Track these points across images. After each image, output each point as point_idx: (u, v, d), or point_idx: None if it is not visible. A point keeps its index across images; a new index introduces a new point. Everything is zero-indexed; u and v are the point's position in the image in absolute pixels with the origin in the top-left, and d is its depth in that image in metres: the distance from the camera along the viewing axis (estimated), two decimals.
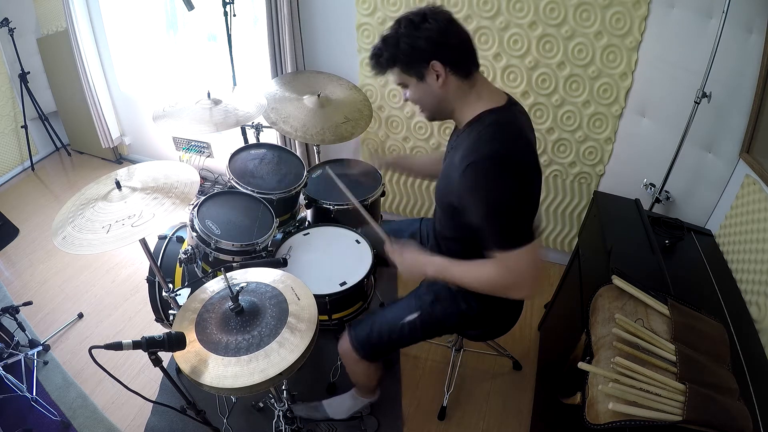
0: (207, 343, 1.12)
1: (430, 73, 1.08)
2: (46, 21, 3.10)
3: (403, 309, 1.42)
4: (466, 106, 1.14)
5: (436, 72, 1.07)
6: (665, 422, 0.97)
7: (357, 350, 1.43)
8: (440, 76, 1.08)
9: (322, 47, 2.39)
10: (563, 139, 2.19)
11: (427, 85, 1.10)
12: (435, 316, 1.38)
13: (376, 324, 1.42)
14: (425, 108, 1.18)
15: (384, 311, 1.46)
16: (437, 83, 1.09)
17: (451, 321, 1.40)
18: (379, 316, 1.45)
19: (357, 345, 1.43)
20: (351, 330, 1.46)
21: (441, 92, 1.11)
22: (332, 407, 1.74)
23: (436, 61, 1.06)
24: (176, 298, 1.55)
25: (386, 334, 1.40)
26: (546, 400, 1.70)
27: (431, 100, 1.14)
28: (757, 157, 1.60)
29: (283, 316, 1.18)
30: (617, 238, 1.53)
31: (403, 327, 1.39)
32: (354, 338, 1.44)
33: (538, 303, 2.29)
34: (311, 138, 2.02)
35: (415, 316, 1.38)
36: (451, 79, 1.09)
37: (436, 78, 1.08)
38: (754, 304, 1.39)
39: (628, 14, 1.80)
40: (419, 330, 1.39)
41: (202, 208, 1.61)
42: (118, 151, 3.45)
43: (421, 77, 1.10)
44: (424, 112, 1.20)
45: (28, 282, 2.46)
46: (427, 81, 1.10)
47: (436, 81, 1.09)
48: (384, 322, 1.42)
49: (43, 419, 1.76)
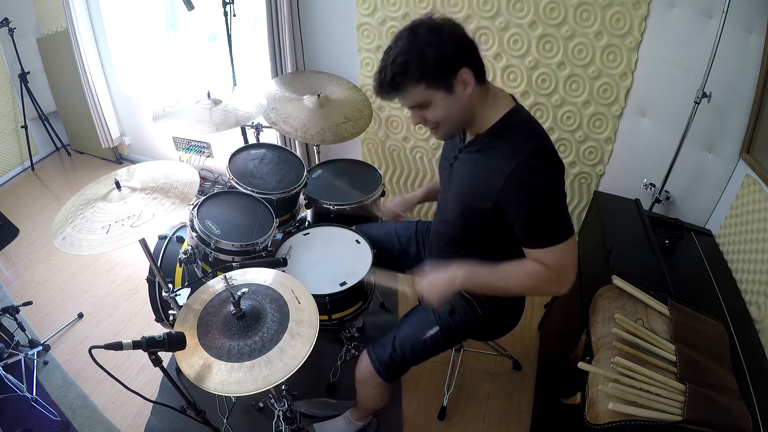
0: (209, 347, 1.12)
1: (458, 83, 0.99)
2: (46, 21, 3.10)
3: (421, 324, 1.38)
4: (484, 111, 1.09)
5: (463, 80, 0.99)
6: (665, 422, 0.97)
7: (381, 374, 1.38)
8: (468, 84, 1.00)
9: (322, 47, 2.39)
10: (563, 139, 2.19)
11: (455, 97, 1.01)
12: (455, 327, 1.36)
13: (398, 344, 1.37)
14: (446, 125, 1.08)
15: (402, 330, 1.41)
16: (465, 93, 1.01)
17: (471, 328, 1.38)
18: (398, 335, 1.39)
19: (381, 369, 1.37)
20: (371, 354, 1.40)
21: (467, 102, 1.03)
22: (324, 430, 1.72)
23: (466, 67, 0.98)
24: (176, 298, 1.55)
25: (409, 352, 1.36)
26: (546, 400, 1.70)
27: (458, 114, 1.05)
28: (757, 157, 1.60)
29: (284, 320, 1.17)
30: (617, 238, 1.53)
31: (426, 342, 1.36)
32: (377, 362, 1.38)
33: (538, 303, 2.29)
34: (311, 138, 2.02)
35: (437, 330, 1.35)
36: (474, 87, 1.02)
37: (464, 87, 1.00)
38: (754, 304, 1.39)
39: (628, 14, 1.80)
40: (441, 342, 1.37)
41: (202, 208, 1.61)
42: (118, 151, 3.45)
43: (450, 89, 1.00)
44: (440, 131, 1.10)
45: (28, 282, 2.46)
46: (456, 92, 1.00)
47: (463, 91, 1.00)
48: (406, 340, 1.37)
49: (43, 419, 1.76)
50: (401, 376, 1.47)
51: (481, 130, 1.12)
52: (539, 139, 1.08)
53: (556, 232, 1.06)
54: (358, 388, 1.51)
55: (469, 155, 1.16)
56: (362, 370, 1.43)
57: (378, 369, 1.38)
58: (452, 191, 1.22)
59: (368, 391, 1.48)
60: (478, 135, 1.14)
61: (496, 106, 1.10)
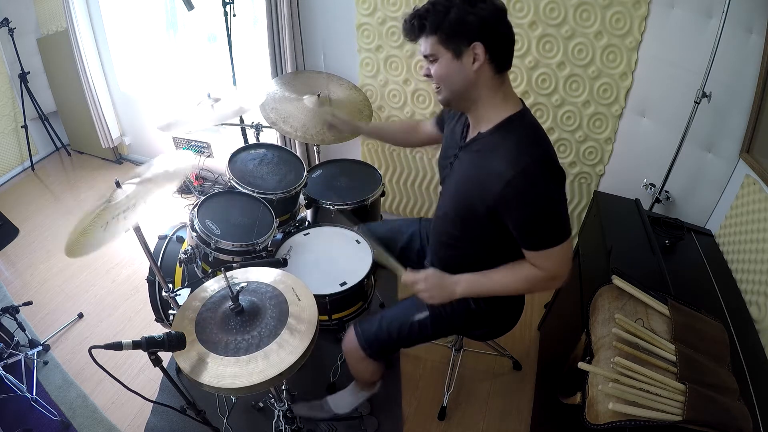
0: (207, 342, 1.12)
1: (468, 54, 1.03)
2: (46, 21, 3.10)
3: (412, 308, 1.40)
4: (491, 104, 1.10)
5: (475, 54, 1.02)
6: (665, 422, 0.97)
7: (364, 348, 1.40)
8: (477, 60, 1.03)
9: (322, 47, 2.39)
10: (563, 139, 2.19)
11: (461, 65, 1.04)
12: (445, 315, 1.37)
13: (385, 322, 1.40)
14: (447, 89, 1.10)
15: (393, 309, 1.44)
16: (472, 67, 1.03)
17: (461, 320, 1.39)
18: (387, 314, 1.42)
19: (364, 343, 1.40)
20: (358, 327, 1.43)
21: (473, 77, 1.05)
22: (335, 402, 1.72)
23: (480, 42, 1.01)
24: (176, 298, 1.55)
25: (395, 332, 1.38)
26: (546, 400, 1.70)
27: (459, 82, 1.07)
28: (757, 157, 1.60)
29: (283, 317, 1.17)
30: (617, 238, 1.53)
31: (413, 325, 1.37)
32: (361, 336, 1.40)
33: (538, 303, 2.29)
34: (311, 138, 2.02)
35: (426, 315, 1.37)
36: (485, 68, 1.04)
37: (473, 61, 1.03)
38: (754, 304, 1.39)
39: (628, 14, 1.80)
40: (429, 328, 1.38)
41: (202, 208, 1.61)
42: (118, 151, 3.45)
43: (458, 54, 1.03)
44: (442, 93, 1.12)
45: (28, 282, 2.46)
46: (463, 61, 1.03)
47: (471, 64, 1.03)
48: (393, 319, 1.40)
49: (43, 419, 1.76)
50: (386, 356, 1.48)
51: (483, 128, 1.12)
52: (540, 147, 1.07)
53: (551, 237, 1.09)
54: (346, 360, 1.53)
55: (469, 155, 1.17)
56: (347, 343, 1.45)
57: (362, 343, 1.40)
58: (450, 190, 1.24)
59: (354, 364, 1.50)
60: (480, 133, 1.14)
61: (504, 104, 1.10)
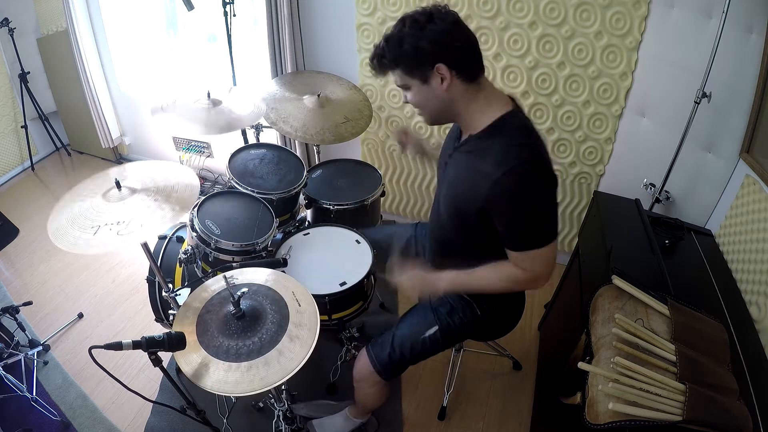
0: (208, 346, 1.12)
1: (434, 77, 1.04)
2: (46, 21, 3.09)
3: (420, 324, 1.39)
4: (476, 110, 1.10)
5: (441, 75, 1.03)
6: (665, 422, 0.97)
7: (380, 373, 1.38)
8: (445, 79, 1.04)
9: (322, 47, 2.39)
10: (563, 139, 2.19)
11: (431, 88, 1.06)
12: (454, 327, 1.37)
13: (397, 343, 1.38)
14: (426, 112, 1.14)
15: (401, 329, 1.41)
16: (441, 87, 1.05)
17: (470, 328, 1.39)
18: (397, 334, 1.40)
19: (380, 368, 1.38)
20: (370, 353, 1.41)
21: (446, 96, 1.07)
22: (323, 426, 1.71)
23: (441, 63, 1.02)
24: (176, 298, 1.55)
25: (408, 351, 1.37)
26: (546, 400, 1.70)
27: (435, 104, 1.10)
28: (757, 157, 1.59)
29: (284, 322, 1.17)
30: (617, 238, 1.53)
31: (424, 342, 1.37)
32: (376, 361, 1.38)
33: (538, 303, 2.29)
34: (311, 138, 2.02)
35: (435, 330, 1.36)
36: (456, 83, 1.05)
37: (441, 81, 1.04)
38: (754, 304, 1.39)
39: (628, 14, 1.80)
40: (440, 342, 1.38)
41: (202, 208, 1.61)
42: (118, 151, 3.45)
43: (425, 80, 1.05)
44: (424, 116, 1.16)
45: (28, 282, 2.46)
46: (432, 84, 1.05)
47: (440, 84, 1.05)
48: (404, 339, 1.38)
49: (43, 419, 1.76)
50: (399, 375, 1.47)
51: (474, 131, 1.12)
52: (530, 147, 1.06)
53: (536, 239, 1.09)
54: (356, 387, 1.51)
55: (462, 156, 1.18)
56: (360, 369, 1.43)
57: (377, 368, 1.38)
58: (443, 190, 1.25)
59: (366, 389, 1.48)
60: (470, 135, 1.14)
61: (489, 107, 1.10)
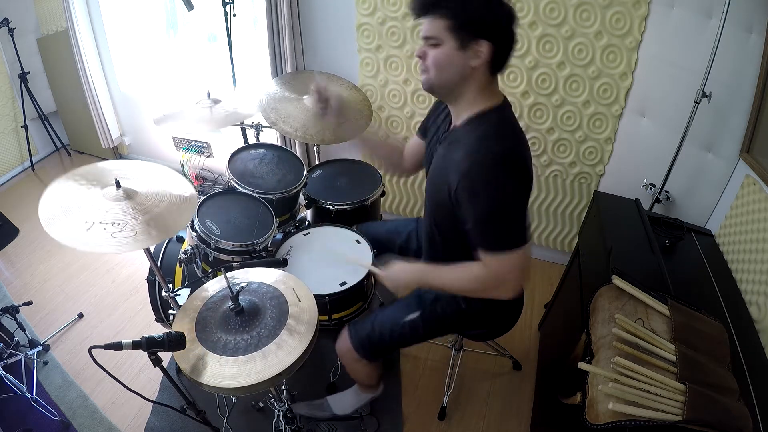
0: (206, 341, 1.12)
1: (472, 48, 0.99)
2: (46, 21, 3.09)
3: (403, 308, 1.41)
4: (472, 99, 1.08)
5: (480, 51, 0.99)
6: (665, 422, 0.97)
7: (357, 350, 1.41)
8: (479, 57, 0.99)
9: (322, 47, 2.39)
10: (563, 139, 2.19)
11: (462, 57, 1.00)
12: (436, 315, 1.38)
13: (377, 323, 1.41)
14: (437, 75, 1.05)
15: (384, 310, 1.45)
16: (470, 63, 1.00)
17: (452, 320, 1.40)
18: (379, 315, 1.43)
19: (357, 344, 1.41)
20: (351, 329, 1.44)
21: (468, 72, 1.02)
22: (336, 403, 1.73)
23: (488, 42, 0.98)
24: (176, 298, 1.55)
25: (387, 333, 1.39)
26: (546, 400, 1.70)
27: (452, 73, 1.03)
28: (757, 157, 1.60)
29: (283, 317, 1.17)
30: (617, 238, 1.53)
31: (404, 326, 1.38)
32: (354, 337, 1.42)
33: (538, 303, 2.29)
34: (311, 138, 2.02)
35: (417, 315, 1.38)
36: (483, 67, 1.02)
37: (474, 56, 1.00)
38: (754, 304, 1.39)
39: (628, 14, 1.80)
40: (421, 329, 1.38)
41: (202, 208, 1.61)
42: (118, 151, 3.45)
43: (463, 47, 0.99)
44: (430, 79, 1.07)
45: (28, 282, 2.46)
46: (465, 53, 1.00)
47: (472, 58, 1.00)
48: (385, 321, 1.41)
49: (43, 419, 1.76)
50: (380, 358, 1.49)
51: (459, 122, 1.12)
52: (505, 142, 1.04)
53: (501, 240, 1.06)
54: (342, 362, 1.53)
55: (442, 148, 1.17)
56: (340, 344, 1.46)
57: (354, 344, 1.41)
58: (427, 183, 1.24)
59: (351, 365, 1.50)
60: (455, 126, 1.14)
61: (483, 100, 1.08)
